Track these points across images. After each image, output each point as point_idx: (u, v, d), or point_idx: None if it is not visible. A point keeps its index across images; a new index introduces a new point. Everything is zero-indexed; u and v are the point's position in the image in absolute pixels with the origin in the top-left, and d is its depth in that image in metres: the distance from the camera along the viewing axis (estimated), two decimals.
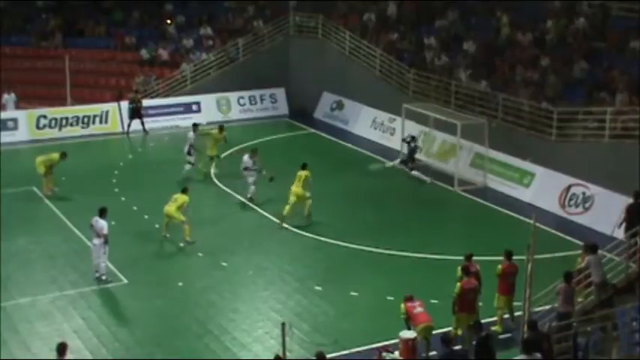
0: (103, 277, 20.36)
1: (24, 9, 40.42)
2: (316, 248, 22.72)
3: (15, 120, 33.23)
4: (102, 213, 20.51)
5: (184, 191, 23.20)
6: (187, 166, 27.92)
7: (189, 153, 27.95)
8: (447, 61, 32.38)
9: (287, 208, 23.85)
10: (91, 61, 38.05)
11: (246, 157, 25.76)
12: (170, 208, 22.74)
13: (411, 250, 22.13)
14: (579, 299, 17.57)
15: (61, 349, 14.28)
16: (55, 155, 26.55)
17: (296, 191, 24.02)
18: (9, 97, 33.91)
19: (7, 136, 32.52)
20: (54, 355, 14.41)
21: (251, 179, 25.63)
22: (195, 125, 29.32)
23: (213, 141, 28.45)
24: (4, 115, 33.18)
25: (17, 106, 33.94)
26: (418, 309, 16.62)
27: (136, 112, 33.72)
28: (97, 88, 36.91)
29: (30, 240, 23.09)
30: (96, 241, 20.36)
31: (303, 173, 24.39)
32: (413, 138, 29.03)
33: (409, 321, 16.63)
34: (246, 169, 25.71)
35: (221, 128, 28.99)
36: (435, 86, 31.61)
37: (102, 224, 20.27)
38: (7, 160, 29.79)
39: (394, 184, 28.20)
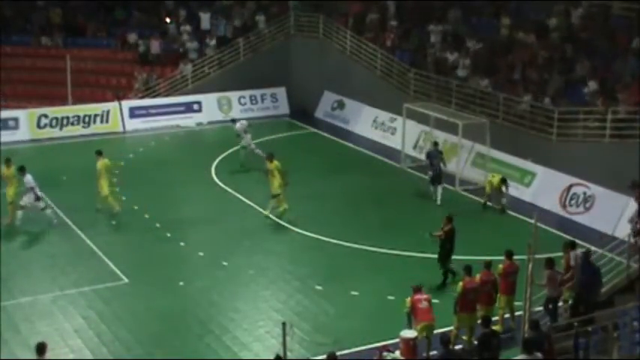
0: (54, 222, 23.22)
1: (25, 8, 40.41)
2: (317, 248, 22.72)
3: (16, 119, 33.24)
4: (21, 169, 23.44)
5: None
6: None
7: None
8: (448, 61, 32.37)
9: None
10: (92, 61, 38.05)
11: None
12: None
13: (411, 250, 22.12)
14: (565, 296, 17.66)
15: (41, 348, 14.12)
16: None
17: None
18: None
19: (8, 136, 32.49)
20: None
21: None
22: (233, 120, 30.67)
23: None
24: (6, 114, 33.18)
25: (2, 107, 33.74)
26: (424, 303, 16.55)
27: None
28: (97, 88, 36.90)
29: (30, 239, 23.09)
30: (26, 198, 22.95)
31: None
32: (436, 144, 27.35)
33: (412, 315, 16.55)
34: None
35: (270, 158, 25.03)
36: (435, 86, 31.60)
37: (27, 178, 23.02)
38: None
39: (395, 184, 28.18)
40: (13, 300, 19.36)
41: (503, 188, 25.43)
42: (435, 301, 17.39)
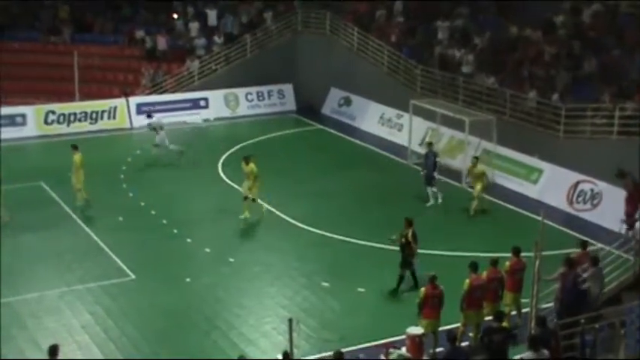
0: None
1: (34, 4, 40.49)
2: (323, 244, 22.72)
3: (23, 115, 33.31)
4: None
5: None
6: None
7: None
8: (455, 57, 32.31)
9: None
10: (99, 57, 38.09)
11: None
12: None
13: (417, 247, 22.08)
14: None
15: (53, 350, 14.00)
16: None
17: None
18: None
19: (16, 132, 32.60)
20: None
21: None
22: (149, 115, 30.80)
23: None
24: (13, 110, 33.26)
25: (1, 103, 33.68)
26: (434, 300, 16.51)
27: None
28: (105, 84, 36.96)
29: (37, 235, 23.16)
30: None
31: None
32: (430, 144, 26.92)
33: (421, 308, 16.51)
34: None
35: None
36: (442, 82, 31.56)
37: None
38: (16, 156, 29.84)
39: (401, 180, 28.17)
40: (19, 296, 19.41)
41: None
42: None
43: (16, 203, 24.88)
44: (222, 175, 28.38)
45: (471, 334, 17.15)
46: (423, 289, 16.71)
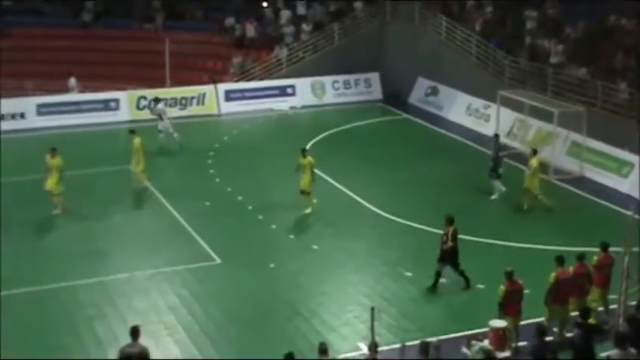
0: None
1: None
2: (406, 233, 22.70)
3: (117, 100, 34.25)
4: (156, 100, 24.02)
5: None
6: None
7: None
8: (545, 48, 31.74)
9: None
10: (190, 44, 38.77)
11: None
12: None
13: (502, 239, 21.89)
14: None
15: (134, 331, 14.15)
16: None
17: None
18: (73, 82, 34.72)
19: (110, 116, 33.58)
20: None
21: None
22: (157, 99, 31.25)
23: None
24: (107, 95, 34.19)
25: (79, 89, 34.68)
26: (515, 296, 16.28)
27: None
28: (194, 71, 37.61)
29: (127, 217, 23.81)
30: None
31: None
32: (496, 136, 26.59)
33: (503, 306, 16.27)
34: None
35: None
36: (531, 73, 31.06)
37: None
38: (109, 140, 30.71)
39: (485, 172, 27.82)
40: (112, 275, 20.03)
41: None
42: (526, 291, 17.11)
43: (107, 186, 25.62)
44: None
45: (555, 329, 16.90)
46: (502, 287, 16.36)
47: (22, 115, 32.90)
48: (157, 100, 31.37)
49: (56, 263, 20.68)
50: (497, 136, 26.40)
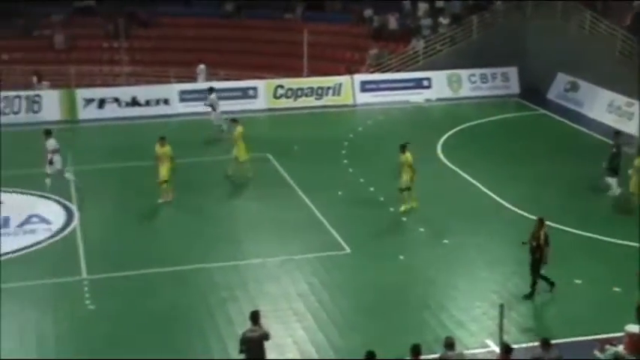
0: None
1: None
2: None
3: (255, 89, 35.07)
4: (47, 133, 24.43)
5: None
6: None
7: None
8: None
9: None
10: (328, 35, 39.21)
11: None
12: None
13: (632, 240, 21.19)
14: None
15: (254, 316, 14.61)
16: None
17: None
18: (201, 68, 35.62)
19: (248, 104, 34.44)
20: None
21: None
22: (211, 89, 30.49)
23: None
24: (246, 83, 35.06)
25: (208, 77, 35.45)
26: None
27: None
28: (331, 61, 38.01)
29: (262, 204, 24.41)
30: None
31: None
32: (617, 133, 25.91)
33: None
34: None
35: None
36: None
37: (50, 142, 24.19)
38: (248, 127, 31.44)
39: (623, 171, 26.96)
40: (246, 260, 20.64)
41: None
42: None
43: (247, 173, 26.30)
44: (441, 156, 28.47)
45: None
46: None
47: (165, 102, 34.25)
48: (210, 90, 30.88)
49: (198, 245, 21.49)
50: (617, 133, 25.79)
